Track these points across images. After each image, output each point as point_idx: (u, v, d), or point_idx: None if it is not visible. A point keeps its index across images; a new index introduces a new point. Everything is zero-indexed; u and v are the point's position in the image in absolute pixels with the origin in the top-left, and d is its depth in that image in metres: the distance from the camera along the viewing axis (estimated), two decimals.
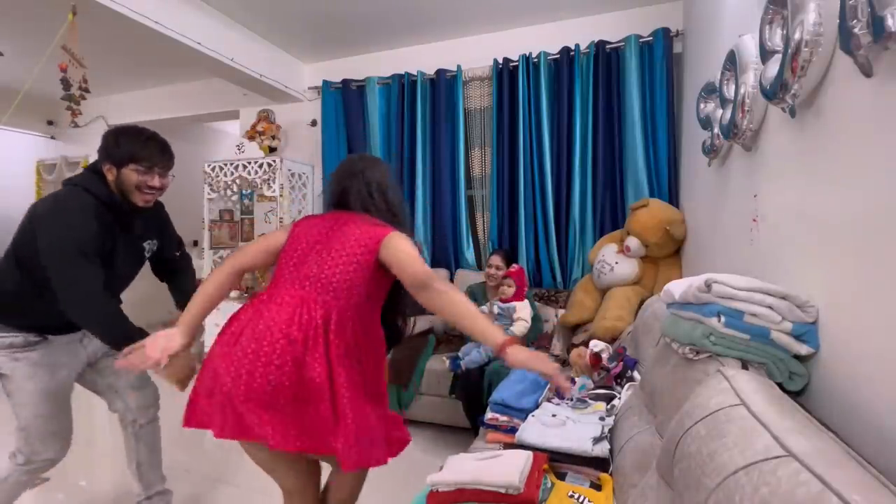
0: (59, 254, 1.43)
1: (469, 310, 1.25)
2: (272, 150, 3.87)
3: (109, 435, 2.83)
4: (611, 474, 1.26)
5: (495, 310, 2.50)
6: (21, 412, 1.55)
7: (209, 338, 3.89)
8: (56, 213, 1.47)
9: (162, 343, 1.29)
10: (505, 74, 3.28)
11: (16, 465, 1.58)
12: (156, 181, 1.58)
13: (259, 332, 1.18)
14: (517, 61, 3.24)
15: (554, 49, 3.18)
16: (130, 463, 1.82)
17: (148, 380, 1.82)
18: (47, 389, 1.56)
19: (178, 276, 1.97)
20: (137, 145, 1.55)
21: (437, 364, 2.61)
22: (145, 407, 1.81)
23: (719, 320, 1.04)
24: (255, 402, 1.17)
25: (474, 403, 2.29)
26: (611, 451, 1.32)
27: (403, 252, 1.27)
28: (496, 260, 2.72)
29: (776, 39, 1.11)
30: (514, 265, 2.72)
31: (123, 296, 1.77)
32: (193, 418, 1.31)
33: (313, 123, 4.03)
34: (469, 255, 3.44)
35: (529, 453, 1.23)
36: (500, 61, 3.29)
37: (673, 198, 2.87)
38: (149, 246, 1.76)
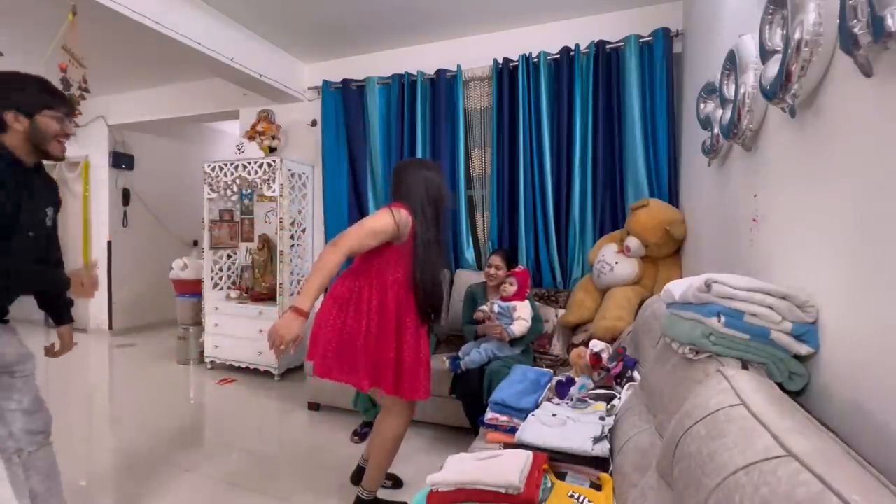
0: None
1: (314, 265, 1.63)
2: (272, 150, 3.87)
3: (109, 435, 2.83)
4: (611, 474, 1.26)
5: (496, 308, 2.50)
6: None
7: (210, 337, 3.90)
8: None
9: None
10: (505, 74, 3.28)
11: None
12: (70, 128, 1.47)
13: None
14: (517, 61, 3.25)
15: (554, 49, 3.18)
16: (23, 500, 1.57)
17: (42, 402, 1.61)
18: None
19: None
20: (47, 91, 1.42)
21: (437, 364, 2.60)
22: (37, 432, 1.58)
23: (719, 320, 1.04)
24: None
25: (474, 403, 2.29)
26: (611, 451, 1.32)
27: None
28: (496, 260, 2.72)
29: (776, 39, 1.11)
30: (520, 266, 2.72)
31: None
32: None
33: (313, 123, 4.03)
34: (469, 254, 3.44)
35: (529, 453, 1.23)
36: (500, 61, 3.30)
37: (673, 198, 2.87)
38: (50, 214, 1.55)
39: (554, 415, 1.51)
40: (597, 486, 1.22)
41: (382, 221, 1.74)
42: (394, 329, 1.80)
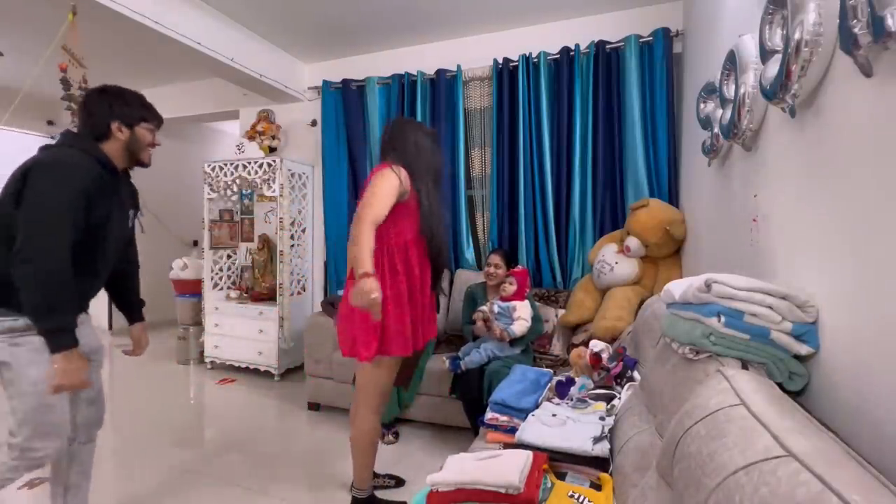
0: (46, 208, 1.34)
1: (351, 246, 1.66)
2: (272, 150, 3.87)
3: (109, 435, 2.83)
4: (611, 474, 1.26)
5: (495, 308, 2.50)
6: (20, 403, 1.42)
7: (210, 337, 3.90)
8: (54, 166, 1.40)
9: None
10: (505, 74, 3.28)
11: (8, 458, 1.44)
12: (158, 140, 1.64)
13: None
14: (517, 61, 3.25)
15: (554, 49, 3.18)
16: (56, 487, 1.64)
17: (101, 394, 1.76)
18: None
19: (130, 278, 1.88)
20: (144, 105, 1.60)
21: (437, 364, 2.60)
22: (93, 424, 1.72)
23: (719, 320, 1.04)
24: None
25: (474, 403, 2.29)
26: (611, 451, 1.32)
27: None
28: (495, 259, 2.72)
29: (776, 39, 1.11)
30: (520, 266, 2.72)
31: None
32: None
33: (313, 123, 4.03)
34: (469, 254, 3.44)
35: (529, 453, 1.23)
36: (500, 61, 3.30)
37: (673, 198, 2.87)
38: (132, 215, 1.71)
39: (554, 415, 1.51)
40: (597, 486, 1.22)
41: (390, 181, 1.73)
42: (408, 290, 1.81)
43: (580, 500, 1.13)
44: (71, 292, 1.39)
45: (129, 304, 1.87)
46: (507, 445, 1.48)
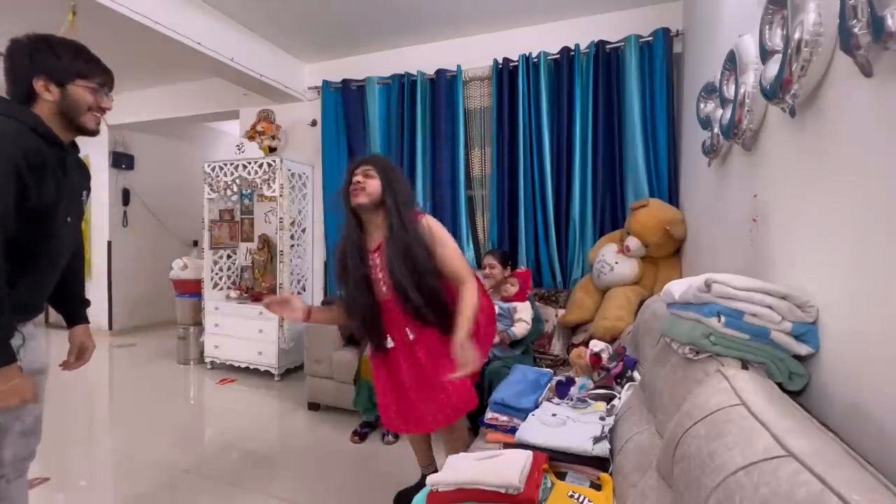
0: None
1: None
2: (272, 150, 3.87)
3: (109, 434, 2.83)
4: (611, 474, 1.26)
5: (496, 309, 2.50)
6: None
7: (210, 337, 3.90)
8: None
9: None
10: (505, 74, 3.28)
11: None
12: (106, 102, 1.31)
13: None
14: (517, 61, 3.24)
15: (554, 49, 3.18)
16: None
17: (40, 423, 1.38)
18: None
19: (72, 270, 1.45)
20: (81, 59, 1.27)
21: None
22: (25, 458, 1.34)
23: (719, 320, 1.04)
24: None
25: None
26: (611, 450, 1.32)
27: None
28: (490, 260, 2.72)
29: (776, 39, 1.11)
30: (522, 267, 2.72)
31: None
32: None
33: (313, 123, 4.03)
34: (469, 255, 3.44)
35: (529, 453, 1.23)
36: (500, 61, 3.29)
37: (673, 198, 2.87)
38: (85, 196, 1.39)
39: (554, 415, 1.51)
40: (597, 486, 1.22)
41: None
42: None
43: (580, 500, 1.13)
44: (4, 296, 1.10)
45: (68, 300, 1.49)
46: (507, 445, 1.48)
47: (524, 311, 2.46)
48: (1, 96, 1.22)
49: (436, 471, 1.99)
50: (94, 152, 5.17)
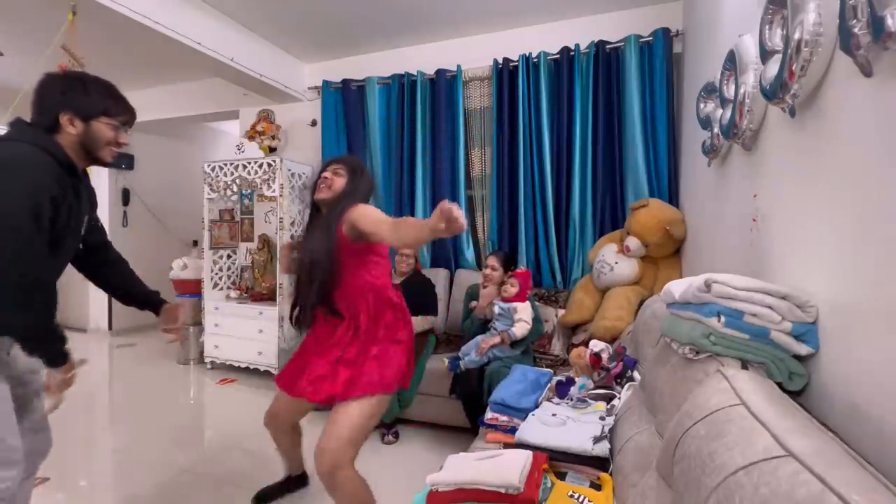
0: (8, 219, 1.11)
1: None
2: (272, 150, 3.87)
3: (109, 434, 2.83)
4: (611, 474, 1.26)
5: (496, 309, 2.50)
6: None
7: (210, 337, 3.90)
8: (9, 170, 1.15)
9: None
10: (505, 74, 3.28)
11: None
12: (125, 138, 1.38)
13: None
14: (517, 61, 3.24)
15: (554, 49, 3.18)
16: None
17: (47, 421, 1.50)
18: None
19: (119, 264, 1.71)
20: (111, 98, 1.34)
21: (437, 364, 2.60)
22: (39, 454, 1.45)
23: (719, 320, 1.04)
24: None
25: (474, 403, 2.29)
26: (611, 450, 1.32)
27: None
28: (492, 261, 2.73)
29: (776, 39, 1.11)
30: (521, 267, 2.72)
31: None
32: None
33: (313, 123, 4.03)
34: (469, 254, 3.44)
35: (529, 453, 1.23)
36: (500, 61, 3.29)
37: (673, 198, 2.87)
38: (86, 221, 1.45)
39: (554, 414, 1.51)
40: (597, 486, 1.22)
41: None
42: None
43: (580, 499, 1.13)
44: (54, 312, 1.23)
45: (144, 294, 1.74)
46: (507, 445, 1.48)
47: (524, 311, 2.46)
48: (27, 123, 1.28)
49: (302, 469, 2.05)
50: None
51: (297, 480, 2.11)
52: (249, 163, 3.72)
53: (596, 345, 1.97)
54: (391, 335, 1.65)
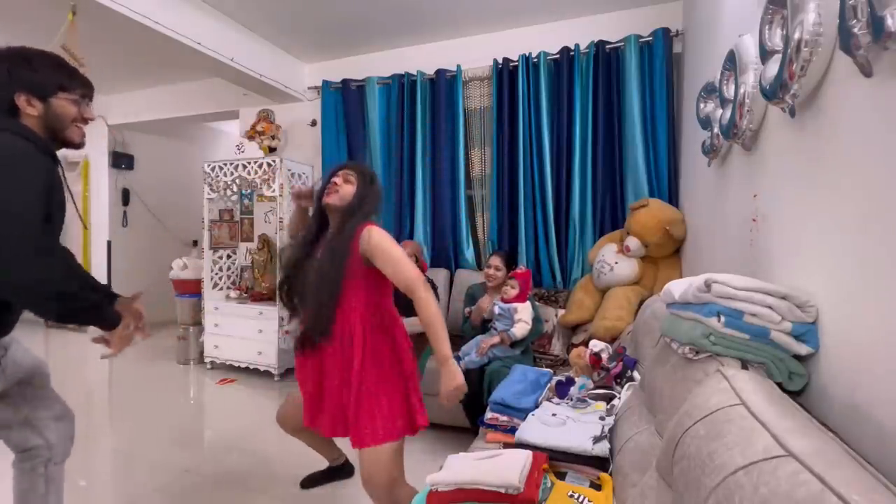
0: (21, 221, 1.07)
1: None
2: (272, 150, 3.87)
3: (109, 434, 2.83)
4: (611, 474, 1.26)
5: (496, 310, 2.50)
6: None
7: (210, 337, 3.90)
8: (2, 168, 1.09)
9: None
10: (505, 74, 3.28)
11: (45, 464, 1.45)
12: (89, 112, 1.30)
13: None
14: (517, 61, 3.24)
15: (554, 49, 3.18)
16: None
17: (67, 408, 1.56)
18: None
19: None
20: (62, 70, 1.25)
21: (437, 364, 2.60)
22: (67, 439, 1.52)
23: (719, 320, 1.04)
24: None
25: (474, 403, 2.29)
26: (611, 450, 1.32)
27: None
28: (495, 261, 2.72)
29: (776, 39, 1.11)
30: (521, 267, 2.72)
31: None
32: None
33: (313, 123, 4.03)
34: (469, 254, 3.44)
35: (529, 453, 1.23)
36: (500, 61, 3.29)
37: (673, 198, 2.87)
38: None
39: (554, 414, 1.51)
40: (597, 486, 1.22)
41: None
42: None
43: (580, 499, 1.13)
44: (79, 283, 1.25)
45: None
46: (507, 445, 1.48)
47: (524, 311, 2.46)
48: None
49: (344, 459, 2.08)
50: (94, 152, 5.18)
51: (338, 470, 2.17)
52: (249, 163, 3.73)
53: (596, 345, 1.96)
54: (395, 370, 1.67)
